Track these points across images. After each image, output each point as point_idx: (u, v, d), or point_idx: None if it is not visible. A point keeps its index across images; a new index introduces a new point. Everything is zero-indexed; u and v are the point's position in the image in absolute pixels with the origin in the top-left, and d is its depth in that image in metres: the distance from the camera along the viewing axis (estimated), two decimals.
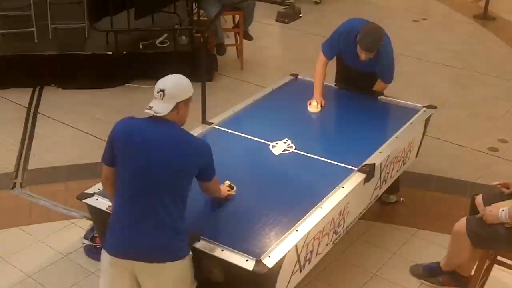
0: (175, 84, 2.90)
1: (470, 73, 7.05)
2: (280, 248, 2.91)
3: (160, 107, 2.84)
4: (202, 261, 2.92)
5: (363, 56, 4.21)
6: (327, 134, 4.34)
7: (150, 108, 2.85)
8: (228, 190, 3.29)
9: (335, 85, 4.74)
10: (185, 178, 2.84)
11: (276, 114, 4.35)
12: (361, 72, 4.55)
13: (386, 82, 4.53)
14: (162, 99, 2.85)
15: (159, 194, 2.77)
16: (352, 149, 3.88)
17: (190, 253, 2.85)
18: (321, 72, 4.50)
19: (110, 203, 3.09)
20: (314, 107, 4.38)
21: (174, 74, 2.97)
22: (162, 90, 2.85)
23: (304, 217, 3.12)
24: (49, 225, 4.29)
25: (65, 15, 6.91)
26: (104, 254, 2.87)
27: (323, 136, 4.28)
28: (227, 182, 3.32)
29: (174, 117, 2.88)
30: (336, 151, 3.84)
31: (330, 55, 4.53)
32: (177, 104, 2.86)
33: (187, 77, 6.80)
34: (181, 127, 2.92)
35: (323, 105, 4.42)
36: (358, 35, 4.19)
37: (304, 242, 3.08)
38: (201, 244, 2.91)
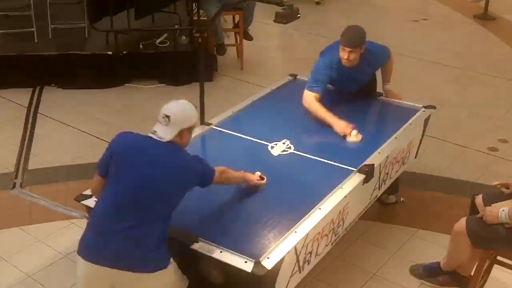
0: (181, 112, 2.91)
1: (470, 73, 7.05)
2: (279, 249, 2.91)
3: (164, 133, 2.86)
4: (200, 263, 2.92)
5: (347, 55, 4.04)
6: (326, 134, 4.32)
7: (154, 132, 2.88)
8: (258, 180, 3.37)
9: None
10: (178, 198, 2.87)
11: (275, 114, 4.35)
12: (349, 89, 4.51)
13: (388, 58, 4.44)
14: (166, 125, 2.86)
15: (148, 210, 2.76)
16: (351, 149, 3.88)
17: (171, 260, 2.83)
18: (321, 107, 4.14)
19: None
20: (354, 136, 3.96)
21: (180, 100, 2.98)
22: (168, 116, 2.86)
23: (303, 218, 3.12)
24: (49, 225, 4.29)
25: (65, 15, 6.92)
26: (79, 264, 2.81)
27: (322, 136, 4.26)
28: (258, 173, 3.41)
29: (177, 141, 2.90)
30: (335, 151, 3.84)
31: (320, 90, 4.18)
32: (181, 130, 2.88)
33: (186, 76, 6.87)
34: (183, 149, 2.93)
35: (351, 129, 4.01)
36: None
37: (303, 243, 3.08)
38: (199, 246, 2.90)
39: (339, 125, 4.03)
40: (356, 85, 4.41)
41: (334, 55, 4.18)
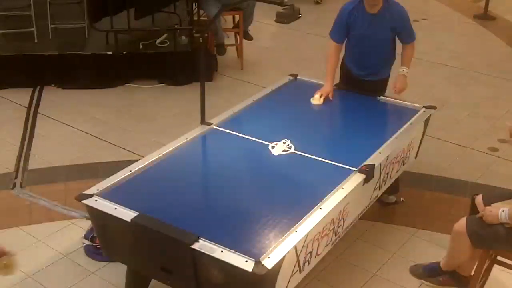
0: None
1: (470, 73, 7.05)
2: (279, 249, 2.91)
3: None
4: (201, 262, 2.92)
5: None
6: (327, 134, 4.33)
7: None
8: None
9: (335, 86, 4.74)
10: None
11: (275, 114, 4.35)
12: (366, 78, 4.57)
13: (411, 40, 4.50)
14: None
15: None
16: (351, 149, 3.88)
17: None
18: (332, 61, 4.53)
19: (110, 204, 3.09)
20: (316, 99, 4.42)
21: None
22: None
23: (304, 218, 3.12)
24: (49, 225, 4.29)
25: (65, 15, 6.92)
26: None
27: (322, 136, 4.27)
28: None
29: None
30: (335, 151, 3.85)
31: (338, 37, 4.53)
32: None
33: (186, 76, 6.88)
34: None
35: (330, 97, 4.45)
36: None
37: (304, 243, 3.08)
38: (200, 245, 2.90)
39: (324, 86, 4.48)
40: (375, 41, 4.44)
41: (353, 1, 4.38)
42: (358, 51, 4.57)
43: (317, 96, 4.43)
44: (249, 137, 3.95)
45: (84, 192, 3.31)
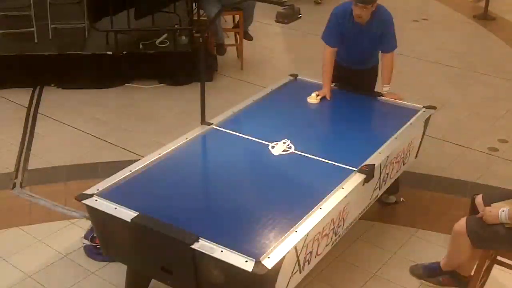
0: None
1: (470, 73, 7.05)
2: (279, 249, 2.91)
3: None
4: (201, 262, 2.92)
5: (359, 12, 4.25)
6: (327, 134, 4.34)
7: None
8: None
9: (335, 85, 4.74)
10: None
11: (276, 114, 4.36)
12: (356, 68, 4.59)
13: (392, 49, 4.53)
14: None
15: None
16: (351, 149, 3.88)
17: None
18: (328, 68, 4.56)
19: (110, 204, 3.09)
20: (312, 97, 4.47)
21: None
22: None
23: (304, 218, 3.12)
24: (49, 225, 4.29)
25: (65, 15, 6.91)
26: None
27: (322, 136, 4.28)
28: None
29: None
30: (335, 151, 3.84)
31: (332, 41, 4.56)
32: None
33: (186, 76, 6.86)
34: None
35: (328, 98, 4.48)
36: None
37: (304, 243, 3.08)
38: (200, 245, 2.90)
39: (322, 90, 4.52)
40: (363, 47, 4.51)
41: (346, 8, 4.41)
42: (346, 51, 4.62)
43: (314, 95, 4.47)
44: (249, 137, 3.96)
45: (84, 192, 3.32)
